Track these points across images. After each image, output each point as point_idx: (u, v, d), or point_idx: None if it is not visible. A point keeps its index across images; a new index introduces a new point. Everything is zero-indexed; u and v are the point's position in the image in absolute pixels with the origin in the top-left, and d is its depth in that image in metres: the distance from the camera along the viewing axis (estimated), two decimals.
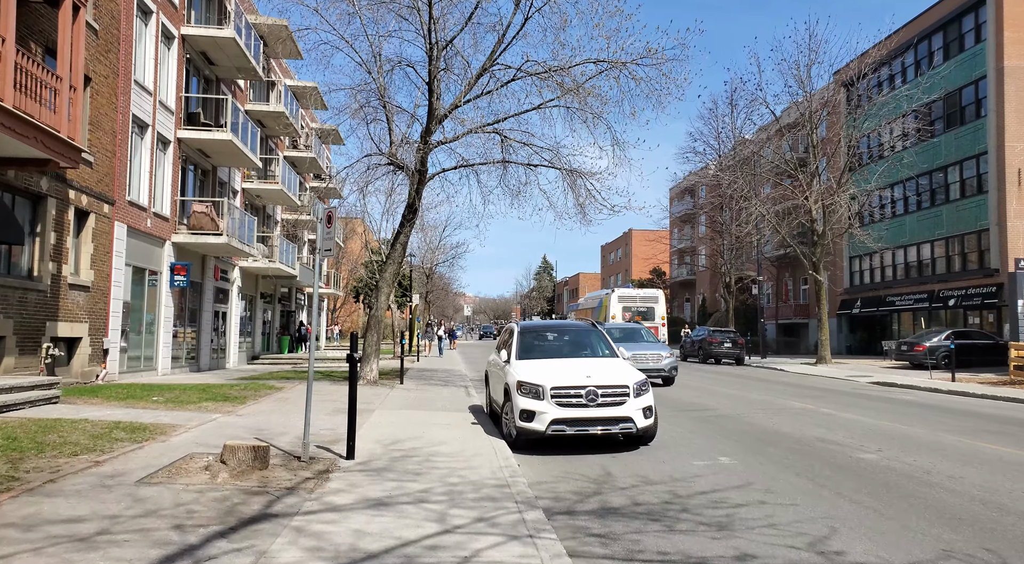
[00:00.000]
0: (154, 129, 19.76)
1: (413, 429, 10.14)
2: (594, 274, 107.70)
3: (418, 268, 55.46)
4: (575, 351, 10.63)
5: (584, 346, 10.77)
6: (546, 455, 8.90)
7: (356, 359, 7.88)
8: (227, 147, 22.54)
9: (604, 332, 11.02)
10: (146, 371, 19.91)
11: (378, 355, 17.71)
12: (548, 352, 10.49)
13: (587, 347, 10.75)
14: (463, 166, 17.87)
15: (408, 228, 17.55)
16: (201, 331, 24.17)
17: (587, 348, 10.73)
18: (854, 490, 7.13)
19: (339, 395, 14.61)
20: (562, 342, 10.92)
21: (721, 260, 41.33)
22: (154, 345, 20.57)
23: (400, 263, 17.94)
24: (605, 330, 12.78)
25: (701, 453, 9.10)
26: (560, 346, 10.78)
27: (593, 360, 10.10)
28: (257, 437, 9.05)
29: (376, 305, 17.63)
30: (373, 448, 8.63)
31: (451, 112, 17.05)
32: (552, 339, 10.98)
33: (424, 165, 16.98)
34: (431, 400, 14.34)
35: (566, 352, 10.56)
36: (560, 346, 10.78)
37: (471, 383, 19.75)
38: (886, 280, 35.49)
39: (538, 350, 10.53)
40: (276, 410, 12.05)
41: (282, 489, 6.29)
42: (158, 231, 20.38)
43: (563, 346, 10.79)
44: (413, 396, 15.01)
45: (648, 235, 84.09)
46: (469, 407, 13.30)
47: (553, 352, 10.50)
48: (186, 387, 15.50)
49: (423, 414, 11.98)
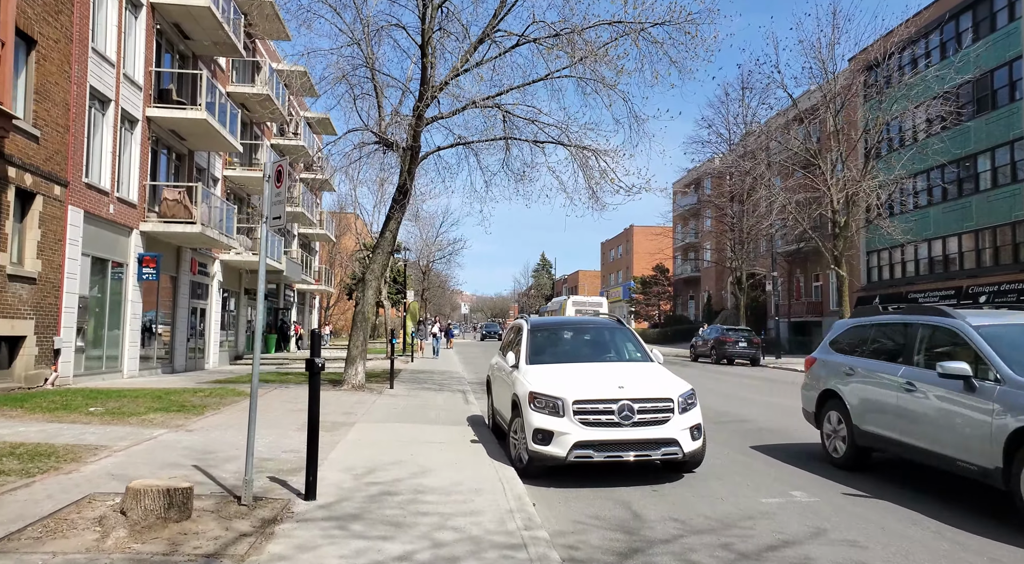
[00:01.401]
0: (118, 105, 17.77)
1: (398, 450, 8.20)
2: (594, 272, 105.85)
3: (414, 265, 53.56)
4: (598, 353, 8.70)
5: (608, 347, 8.84)
6: (567, 487, 6.97)
7: (318, 366, 5.94)
8: (202, 128, 20.56)
9: (632, 330, 9.06)
10: (109, 373, 17.94)
11: (364, 356, 15.76)
12: (566, 354, 8.56)
13: (612, 348, 8.81)
14: (461, 144, 15.93)
15: (399, 213, 15.60)
16: (176, 329, 22.20)
17: (612, 349, 8.80)
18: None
19: (321, 403, 12.67)
20: (582, 342, 8.97)
21: (731, 255, 39.39)
22: (119, 345, 18.60)
23: (390, 253, 16.01)
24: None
25: (765, 484, 7.17)
26: (579, 347, 8.84)
27: (623, 365, 8.16)
28: (198, 464, 7.11)
29: (362, 300, 15.68)
30: (343, 480, 6.70)
31: (448, 82, 15.10)
32: (570, 338, 9.04)
33: (417, 141, 15.04)
34: (423, 409, 12.40)
35: (588, 355, 8.62)
36: (579, 347, 8.84)
37: (469, 387, 17.81)
38: (907, 276, 33.62)
39: (553, 352, 8.61)
40: (237, 423, 10.10)
41: (197, 557, 4.35)
42: (123, 219, 18.40)
43: (583, 347, 8.85)
44: (403, 404, 13.07)
45: (650, 231, 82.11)
46: (468, 418, 11.36)
47: (572, 355, 8.56)
48: (141, 393, 13.53)
49: (413, 428, 10.03)
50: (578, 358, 8.42)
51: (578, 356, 8.51)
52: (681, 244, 63.54)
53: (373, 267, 15.76)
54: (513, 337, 9.58)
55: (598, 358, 8.53)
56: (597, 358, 8.53)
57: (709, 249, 52.67)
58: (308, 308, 45.45)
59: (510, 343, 9.63)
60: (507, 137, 15.54)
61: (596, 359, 8.48)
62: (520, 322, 9.38)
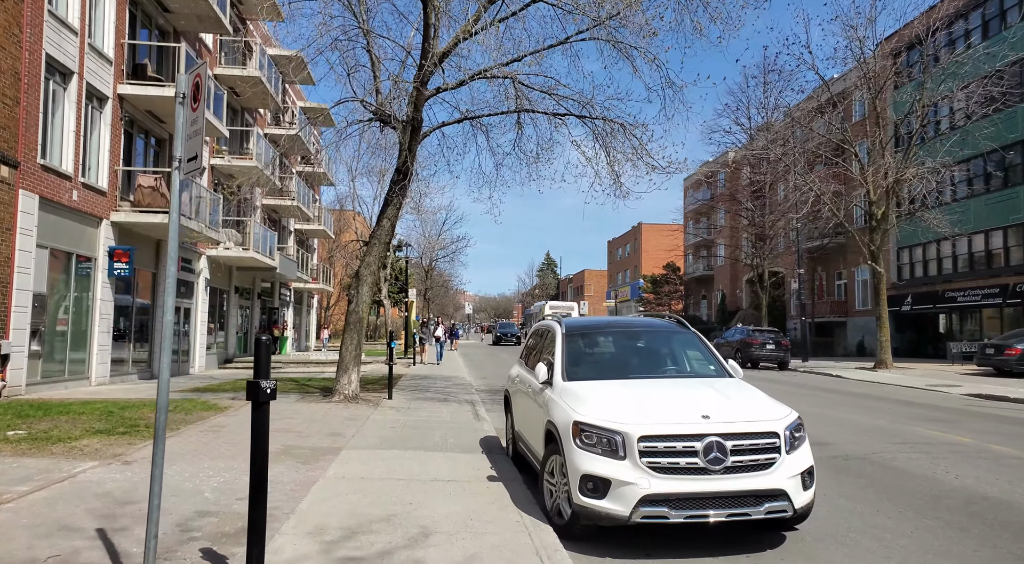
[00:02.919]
0: (82, 78, 15.76)
1: (392, 496, 6.16)
2: (600, 271, 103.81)
3: (416, 264, 51.46)
4: (657, 366, 6.64)
5: (670, 357, 6.77)
6: (629, 557, 4.92)
7: (265, 394, 3.91)
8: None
9: (699, 334, 6.96)
10: (73, 380, 15.94)
11: (358, 363, 13.73)
12: (615, 368, 6.50)
13: (674, 358, 6.75)
14: (468, 118, 13.89)
15: (399, 197, 13.55)
16: (154, 331, 20.19)
17: (674, 360, 6.74)
18: None
19: (299, 420, 10.62)
20: (634, 351, 6.88)
21: (752, 251, 37.28)
22: (86, 348, 16.59)
23: (388, 243, 13.98)
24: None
25: (907, 554, 5.11)
26: (632, 357, 6.75)
27: (696, 383, 6.09)
28: (105, 526, 5.08)
29: (356, 298, 13.65)
30: (308, 552, 4.65)
31: (455, 46, 13.05)
32: (618, 345, 6.94)
33: (418, 113, 12.98)
34: (426, 428, 10.35)
35: (644, 368, 6.56)
36: (632, 357, 6.75)
37: (478, 395, 15.76)
38: (944, 273, 31.47)
39: (599, 364, 6.57)
40: (194, 451, 8.06)
41: None
42: (91, 207, 16.40)
43: (637, 357, 6.77)
44: (402, 421, 11.01)
45: (659, 229, 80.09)
46: (481, 441, 9.31)
47: (623, 368, 6.50)
48: (92, 407, 11.48)
49: (412, 459, 7.98)
50: (632, 372, 6.36)
51: (632, 369, 6.45)
52: (693, 242, 61.43)
53: (368, 260, 13.72)
54: (540, 343, 7.53)
55: (659, 372, 6.47)
56: (657, 372, 6.47)
57: (723, 244, 50.53)
58: (306, 308, 43.44)
59: (537, 350, 7.58)
60: (520, 109, 13.47)
61: (656, 374, 6.42)
62: (549, 324, 7.33)
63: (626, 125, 13.28)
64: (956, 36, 27.85)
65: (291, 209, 33.25)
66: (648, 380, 6.06)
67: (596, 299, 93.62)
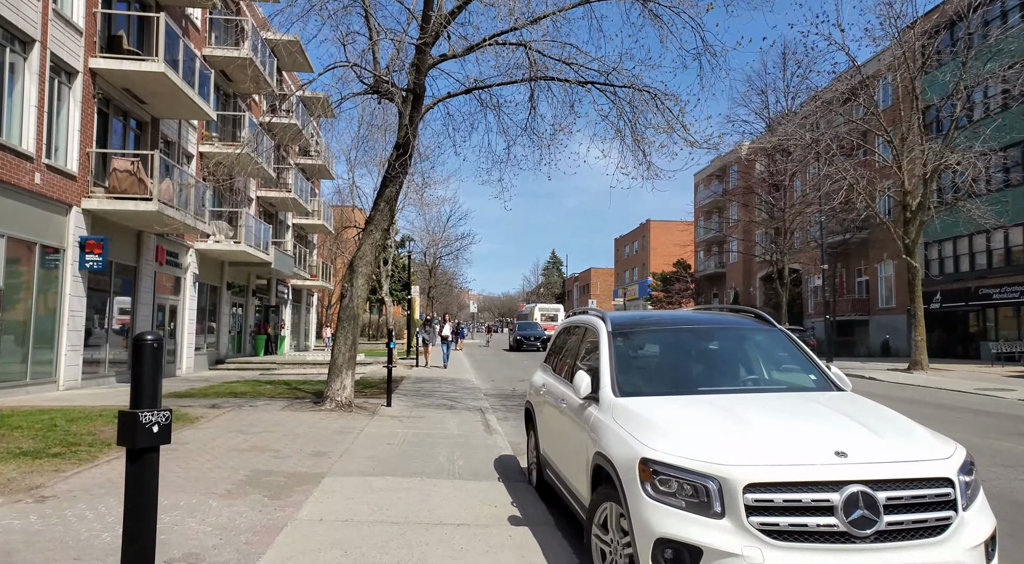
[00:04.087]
0: (45, 48, 14.16)
1: (384, 549, 4.53)
2: (607, 269, 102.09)
3: (421, 265, 49.76)
4: (738, 376, 4.98)
5: (754, 363, 5.11)
6: None
7: (150, 431, 2.29)
8: (163, 86, 16.94)
9: (789, 333, 5.26)
10: (37, 385, 14.35)
11: (353, 365, 12.11)
12: (684, 378, 4.84)
13: (760, 365, 5.09)
14: (477, 88, 12.25)
15: (399, 177, 11.91)
16: (135, 330, 18.59)
17: (759, 367, 5.08)
18: None
19: (279, 434, 8.99)
20: (706, 355, 5.15)
21: (772, 246, 35.53)
22: (53, 349, 15.01)
23: (386, 230, 12.36)
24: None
25: None
26: (702, 365, 5.05)
27: (804, 400, 4.40)
28: None
29: (351, 292, 12.03)
30: None
31: (463, 6, 11.43)
32: (684, 349, 5.20)
33: (420, 79, 11.34)
34: (429, 443, 8.72)
35: (721, 377, 4.91)
36: (702, 365, 5.05)
37: (487, 401, 14.15)
38: (978, 269, 29.73)
39: (661, 372, 4.92)
40: None
41: None
42: (58, 192, 14.82)
43: (710, 364, 5.06)
44: (401, 435, 9.38)
45: (668, 226, 78.39)
46: (496, 462, 7.68)
47: (695, 378, 4.84)
48: (33, 419, 9.84)
49: (411, 488, 6.35)
50: (709, 384, 4.71)
51: (707, 380, 4.79)
52: (704, 238, 59.72)
53: (364, 249, 12.09)
54: (573, 344, 5.88)
55: (745, 384, 4.83)
56: (743, 384, 4.82)
57: (737, 239, 48.79)
58: (305, 307, 41.86)
59: (567, 353, 5.95)
60: (535, 77, 11.83)
61: (742, 386, 4.78)
62: (587, 319, 5.67)
63: (657, 94, 11.62)
64: (993, 16, 26.09)
65: (288, 202, 31.66)
66: (735, 396, 4.40)
67: (603, 298, 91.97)
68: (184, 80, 17.53)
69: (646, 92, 11.61)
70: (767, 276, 46.88)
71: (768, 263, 42.92)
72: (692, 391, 4.54)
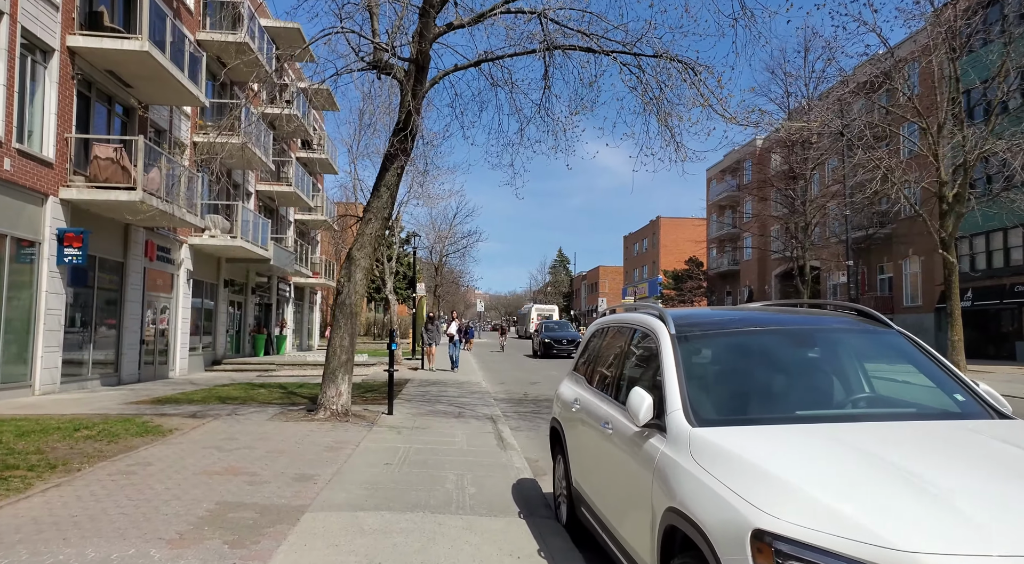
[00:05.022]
0: (15, 22, 12.96)
1: None
2: (615, 267, 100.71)
3: (425, 261, 48.50)
4: (855, 396, 3.68)
5: (867, 379, 3.81)
6: None
7: None
8: (149, 67, 15.74)
9: (910, 336, 3.94)
10: (11, 389, 13.16)
11: (351, 368, 10.86)
12: (784, 398, 3.54)
13: (869, 380, 3.80)
14: (487, 60, 10.96)
15: (400, 159, 10.63)
16: (123, 329, 17.42)
17: (869, 383, 3.79)
18: None
19: (261, 451, 7.73)
20: (804, 367, 3.82)
21: (794, 242, 34.09)
22: (28, 350, 13.82)
23: (387, 219, 11.10)
24: None
25: None
26: (803, 381, 3.70)
27: (967, 429, 3.10)
28: None
29: (348, 287, 10.78)
30: None
31: None
32: (774, 359, 3.83)
33: (424, 47, 10.06)
34: (434, 464, 7.45)
35: (833, 398, 3.62)
36: (803, 381, 3.70)
37: (498, 408, 12.88)
38: (1012, 264, 28.27)
39: (747, 393, 3.61)
40: (62, 523, 5.20)
41: None
42: (32, 180, 13.63)
43: (811, 381, 3.72)
44: (401, 452, 8.11)
45: (679, 223, 76.95)
46: (513, 489, 6.42)
47: (798, 398, 3.54)
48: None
49: (411, 530, 5.08)
50: (815, 405, 3.44)
51: (813, 401, 3.52)
52: (717, 234, 58.29)
53: (363, 239, 10.83)
54: (623, 352, 4.57)
55: (870, 407, 3.54)
56: (867, 407, 3.53)
57: (752, 235, 47.38)
58: (308, 305, 40.71)
59: (614, 362, 4.67)
60: (552, 46, 10.54)
61: (866, 409, 3.49)
62: (644, 319, 4.32)
63: (691, 64, 10.31)
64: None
65: (289, 196, 30.47)
66: (865, 426, 3.11)
67: (612, 296, 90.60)
68: (172, 62, 16.34)
69: (678, 62, 10.30)
70: (784, 273, 45.47)
71: (785, 260, 41.50)
72: (800, 417, 3.26)
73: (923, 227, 22.93)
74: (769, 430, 3.07)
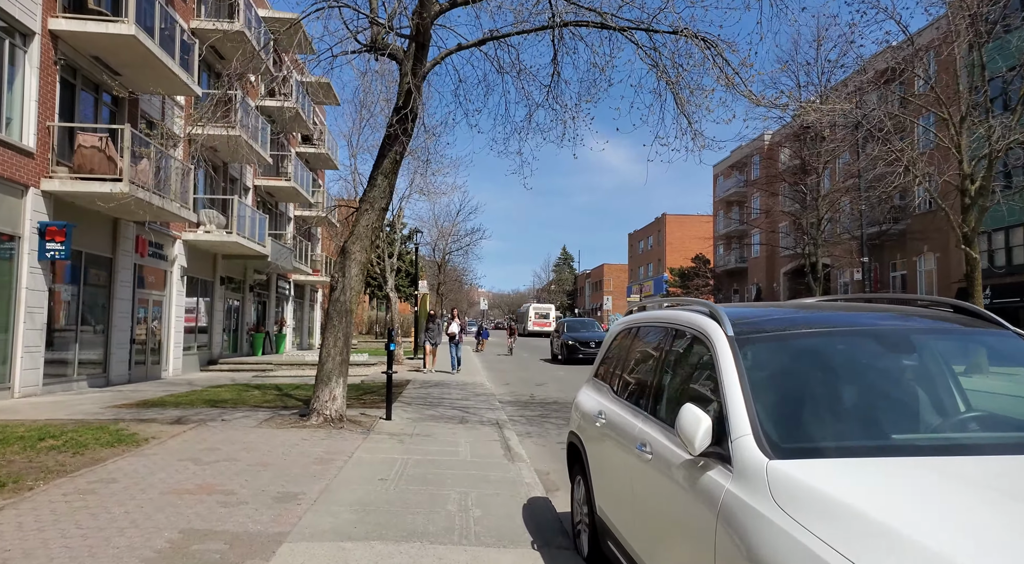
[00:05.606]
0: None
1: None
2: (620, 265, 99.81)
3: (428, 258, 47.64)
4: (962, 418, 2.89)
5: (962, 395, 3.02)
6: None
7: None
8: (137, 53, 14.97)
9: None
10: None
11: (346, 370, 10.10)
12: (877, 423, 2.71)
13: (952, 390, 3.00)
14: (492, 39, 10.17)
15: (399, 145, 9.84)
16: (112, 328, 16.69)
17: (983, 398, 2.99)
18: None
19: (243, 464, 6.95)
20: (900, 377, 3.01)
21: (805, 238, 33.22)
22: (6, 351, 13.08)
23: (384, 209, 10.31)
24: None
25: None
26: (902, 396, 2.90)
27: None
28: None
29: (342, 283, 10.00)
30: None
31: None
32: (862, 367, 3.01)
33: (424, 25, 9.26)
34: (435, 479, 6.67)
35: (935, 422, 2.83)
36: (902, 396, 2.90)
37: (504, 412, 12.10)
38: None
39: (835, 412, 2.80)
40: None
41: None
42: (9, 171, 12.88)
43: (913, 396, 2.93)
44: (398, 465, 7.33)
45: (685, 220, 76.08)
46: (524, 509, 5.63)
47: (897, 419, 2.74)
48: None
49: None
50: (921, 427, 2.65)
51: (919, 422, 2.73)
52: (724, 231, 57.42)
53: (359, 231, 10.05)
54: (661, 357, 3.76)
55: (1002, 432, 2.74)
56: (995, 431, 2.74)
57: (761, 231, 46.52)
58: (308, 303, 40.00)
59: (649, 369, 3.87)
60: (563, 23, 9.75)
61: (995, 433, 2.70)
62: (691, 318, 3.46)
63: (710, 41, 9.49)
64: None
65: (289, 192, 29.73)
66: (1006, 461, 2.31)
67: (617, 294, 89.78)
68: (162, 48, 15.58)
69: (699, 39, 9.48)
70: (794, 270, 44.65)
71: (795, 257, 40.65)
72: (902, 444, 2.47)
73: (939, 223, 22.05)
74: (875, 465, 2.28)
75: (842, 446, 2.52)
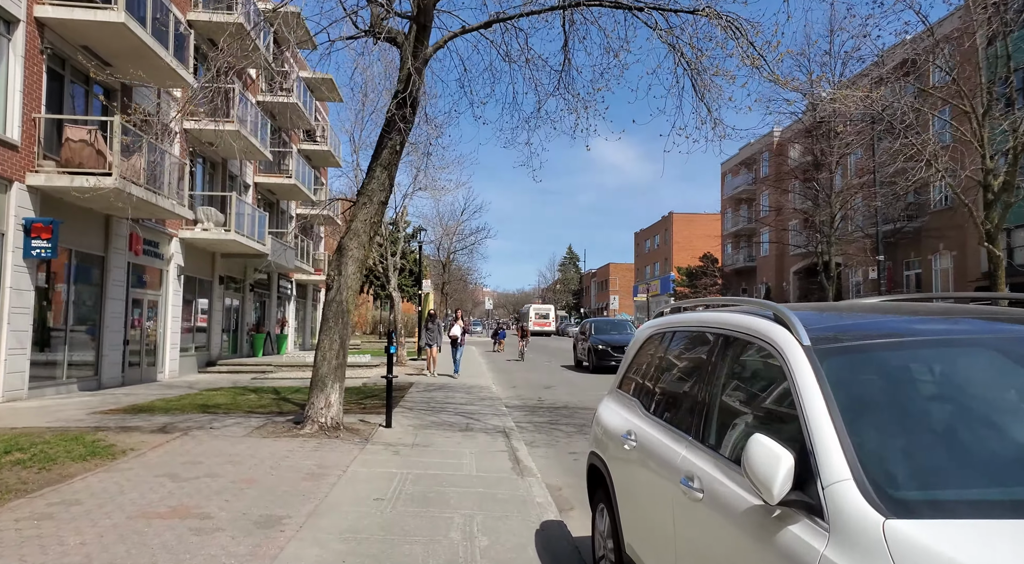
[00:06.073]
0: None
1: None
2: (626, 264, 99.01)
3: (432, 257, 47.03)
4: None
5: None
6: None
7: None
8: (125, 40, 14.35)
9: None
10: None
11: (342, 374, 9.45)
12: (1010, 462, 2.03)
13: None
14: (498, 21, 9.50)
15: (398, 135, 9.19)
16: (104, 329, 16.08)
17: None
18: None
19: (225, 481, 6.29)
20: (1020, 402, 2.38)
21: (818, 236, 32.45)
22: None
23: (383, 203, 9.66)
24: None
25: None
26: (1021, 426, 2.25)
27: None
28: None
29: (338, 282, 9.37)
30: None
31: None
32: (979, 390, 2.32)
33: (426, 4, 8.61)
34: (436, 499, 6.01)
35: None
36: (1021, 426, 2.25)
37: (511, 418, 11.43)
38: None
39: (954, 449, 2.12)
40: None
41: None
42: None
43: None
44: (396, 482, 6.67)
45: (692, 219, 75.33)
46: (538, 539, 4.96)
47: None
48: None
49: None
50: None
51: None
52: (732, 230, 56.63)
53: (356, 225, 9.40)
54: (711, 371, 3.08)
55: None
56: None
57: (770, 229, 45.74)
58: (311, 303, 39.41)
59: (700, 387, 3.19)
60: (571, 4, 9.08)
61: None
62: (749, 323, 2.81)
63: (733, 20, 8.81)
64: None
65: (290, 189, 29.11)
66: None
67: (623, 294, 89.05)
68: (155, 38, 14.97)
69: (721, 19, 8.80)
70: (804, 269, 43.87)
71: (805, 256, 39.90)
72: None
73: (956, 220, 21.30)
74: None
75: (981, 500, 1.85)
